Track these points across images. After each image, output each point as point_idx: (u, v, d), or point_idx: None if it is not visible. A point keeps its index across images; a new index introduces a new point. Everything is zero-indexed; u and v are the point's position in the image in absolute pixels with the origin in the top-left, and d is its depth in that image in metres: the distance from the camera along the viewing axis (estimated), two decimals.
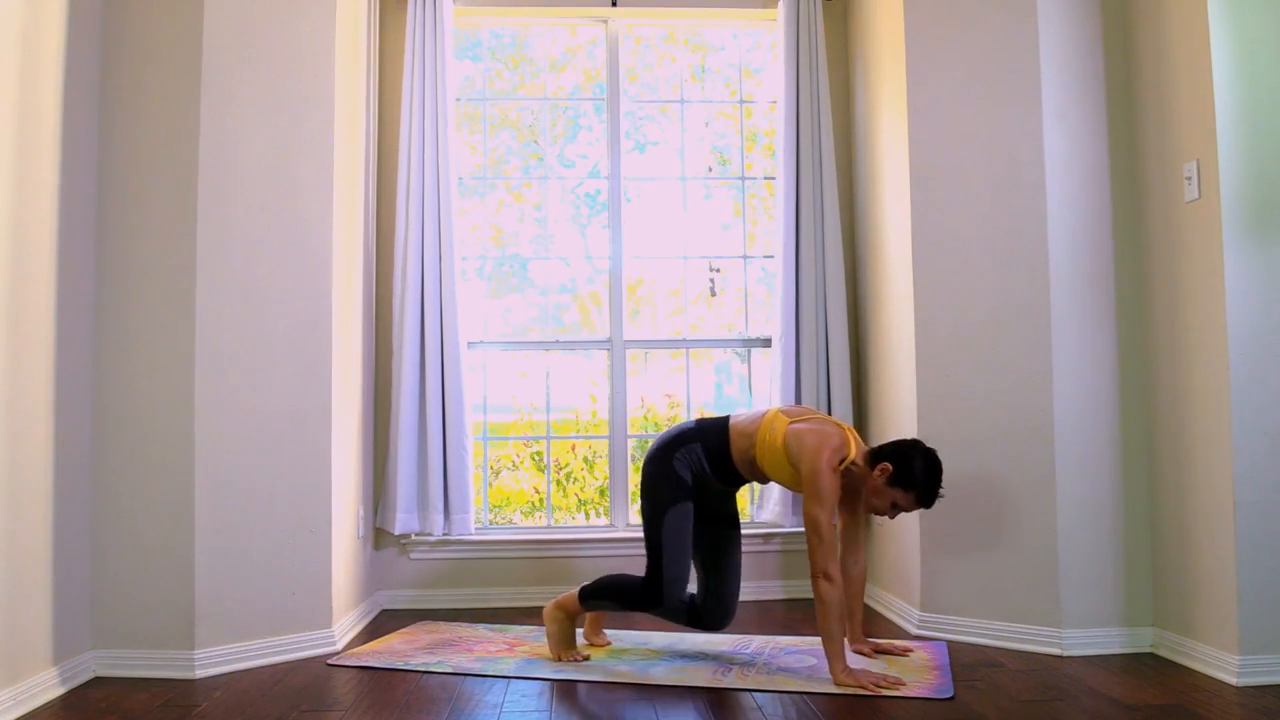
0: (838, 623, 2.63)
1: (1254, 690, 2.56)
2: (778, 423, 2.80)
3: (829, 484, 2.67)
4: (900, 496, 2.72)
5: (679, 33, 4.31)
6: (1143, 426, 3.07)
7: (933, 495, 2.73)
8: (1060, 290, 3.09)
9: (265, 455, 3.00)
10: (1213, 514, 2.74)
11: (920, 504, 2.74)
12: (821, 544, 2.63)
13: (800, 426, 2.78)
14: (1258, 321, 2.67)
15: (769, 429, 2.81)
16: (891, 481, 2.71)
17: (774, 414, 2.85)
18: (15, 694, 2.43)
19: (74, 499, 2.75)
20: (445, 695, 2.62)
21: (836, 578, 2.63)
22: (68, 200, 2.73)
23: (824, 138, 3.95)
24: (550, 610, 2.99)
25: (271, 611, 2.99)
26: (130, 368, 2.88)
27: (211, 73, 2.94)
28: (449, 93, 3.86)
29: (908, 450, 2.73)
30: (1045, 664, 2.90)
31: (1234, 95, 2.70)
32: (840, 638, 2.65)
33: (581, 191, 4.37)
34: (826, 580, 2.62)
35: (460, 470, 3.80)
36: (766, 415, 2.85)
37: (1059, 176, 3.12)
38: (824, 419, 2.85)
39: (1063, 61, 3.14)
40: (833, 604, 2.61)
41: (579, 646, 3.05)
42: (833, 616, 2.62)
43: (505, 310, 4.30)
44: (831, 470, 2.68)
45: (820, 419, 2.84)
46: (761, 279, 4.22)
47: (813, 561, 2.65)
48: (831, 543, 2.64)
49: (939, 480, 2.72)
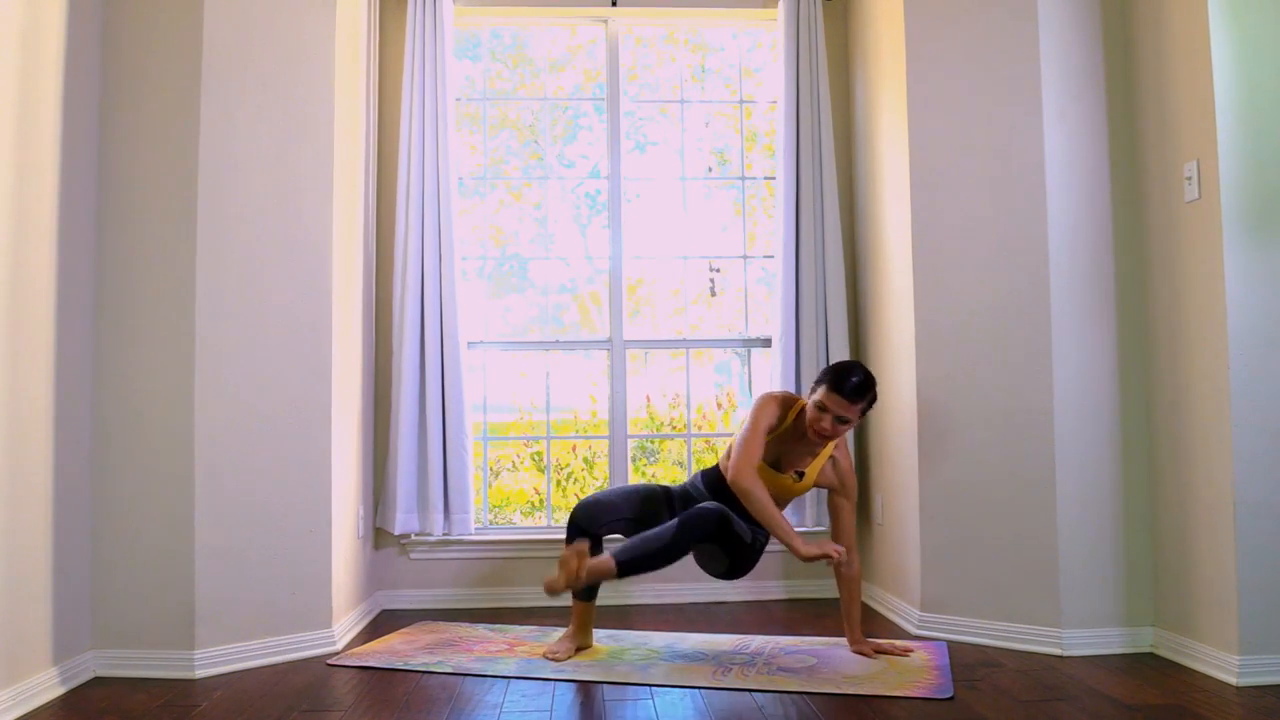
0: (772, 504, 2.82)
1: (1254, 690, 2.56)
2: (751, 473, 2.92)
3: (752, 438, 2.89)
4: (822, 399, 2.85)
5: (679, 33, 4.32)
6: (1143, 426, 3.07)
7: (842, 379, 2.84)
8: (1060, 290, 3.09)
9: (265, 455, 3.00)
10: (1213, 514, 2.74)
11: (837, 391, 2.83)
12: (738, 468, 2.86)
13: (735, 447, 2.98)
14: (1258, 321, 2.67)
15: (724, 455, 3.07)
16: (815, 394, 2.89)
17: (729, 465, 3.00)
18: (15, 694, 2.43)
19: (74, 499, 2.75)
20: (445, 695, 2.62)
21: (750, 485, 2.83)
22: (68, 200, 2.73)
23: (824, 138, 3.95)
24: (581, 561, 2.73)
25: (271, 611, 2.99)
26: (130, 368, 2.88)
27: (211, 73, 2.94)
28: (449, 93, 3.86)
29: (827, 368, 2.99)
30: (1045, 664, 2.90)
31: (1234, 95, 2.70)
32: (780, 517, 2.83)
33: (581, 191, 4.38)
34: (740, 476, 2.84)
35: (460, 470, 3.80)
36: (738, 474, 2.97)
37: (1059, 176, 3.12)
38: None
39: (1063, 61, 3.14)
40: (757, 493, 2.81)
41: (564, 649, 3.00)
42: (763, 501, 2.81)
43: (505, 310, 4.30)
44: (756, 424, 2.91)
45: None
46: (761, 279, 4.22)
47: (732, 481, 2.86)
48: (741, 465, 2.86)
49: (847, 368, 2.88)
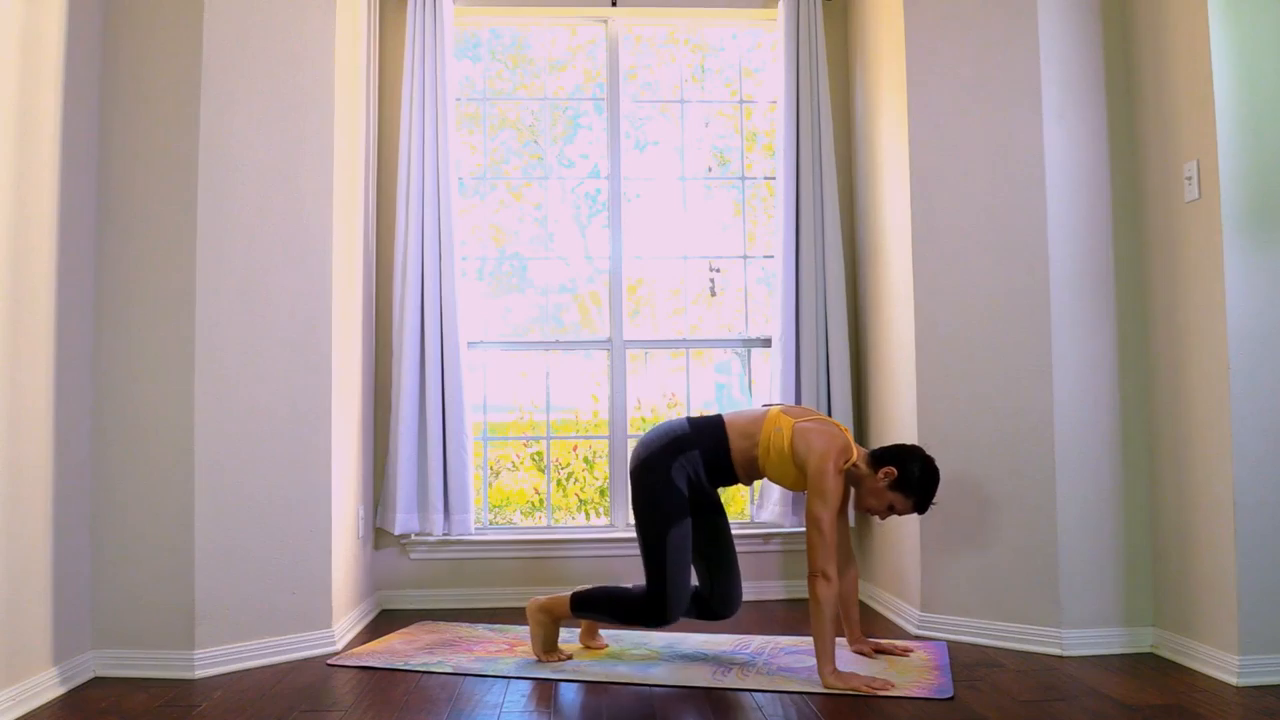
0: (830, 623, 2.64)
1: (1254, 690, 2.56)
2: (783, 422, 2.80)
3: (835, 484, 2.69)
4: (898, 500, 2.77)
5: (679, 33, 4.31)
6: (1143, 426, 3.07)
7: (928, 501, 2.79)
8: (1060, 290, 3.09)
9: (265, 455, 3.00)
10: (1213, 514, 2.74)
11: (916, 509, 2.80)
12: (823, 543, 2.64)
13: (806, 425, 2.78)
14: (1258, 321, 2.67)
15: (774, 428, 2.80)
16: (893, 485, 2.75)
17: (777, 413, 2.84)
18: (15, 694, 2.43)
19: (74, 499, 2.75)
20: (445, 695, 2.62)
21: (834, 578, 2.64)
22: (68, 200, 2.73)
23: (824, 138, 3.95)
24: (534, 610, 2.94)
25: (271, 611, 2.99)
26: (130, 367, 2.88)
27: (211, 73, 2.94)
28: (449, 93, 3.86)
29: (909, 455, 2.77)
30: (1045, 664, 2.90)
31: (1234, 95, 2.70)
32: (832, 639, 2.65)
33: (581, 191, 4.38)
34: (824, 579, 2.62)
35: (460, 470, 3.80)
36: (770, 414, 2.84)
37: (1059, 176, 3.12)
38: (825, 420, 2.85)
39: (1063, 61, 3.14)
40: (827, 604, 2.62)
41: (572, 649, 3.04)
42: (826, 617, 2.62)
43: (505, 310, 4.30)
44: (837, 471, 2.71)
45: (822, 420, 2.84)
46: (761, 279, 4.22)
47: (812, 560, 2.65)
48: (833, 542, 2.65)
49: (936, 487, 2.79)
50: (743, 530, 3.95)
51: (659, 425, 2.93)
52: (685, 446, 2.83)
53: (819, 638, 2.65)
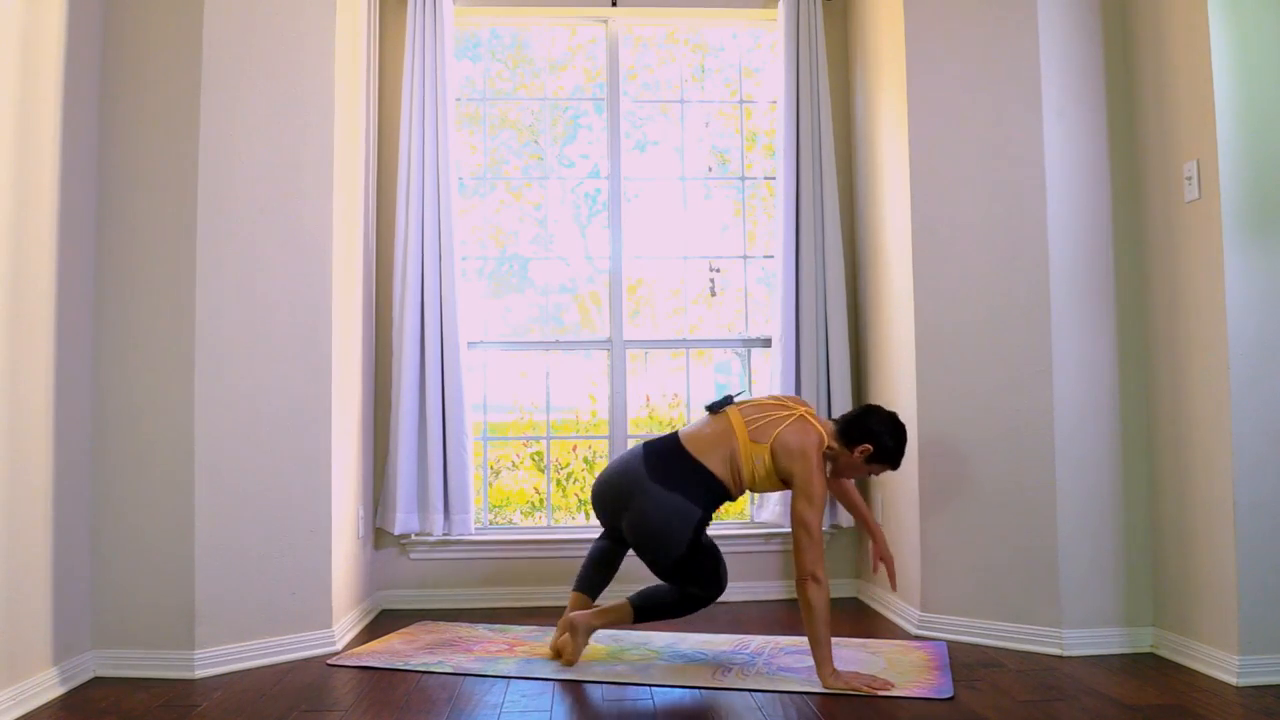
0: (825, 626, 2.63)
1: (1254, 690, 2.56)
2: (757, 450, 2.80)
3: (820, 485, 2.74)
4: (876, 468, 2.93)
5: (679, 33, 4.31)
6: (1143, 426, 3.07)
7: (900, 457, 2.91)
8: (1060, 290, 3.09)
9: (265, 455, 3.00)
10: (1213, 514, 2.74)
11: (894, 468, 2.94)
12: (812, 544, 2.65)
13: (783, 439, 2.79)
14: (1258, 321, 2.67)
15: (752, 458, 2.82)
16: (870, 459, 2.87)
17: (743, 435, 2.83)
18: (15, 694, 2.43)
19: (74, 499, 2.75)
20: (445, 695, 2.62)
21: (824, 580, 2.64)
22: (68, 200, 2.73)
23: (824, 138, 3.95)
24: (586, 626, 2.89)
25: (271, 611, 2.99)
26: (130, 368, 2.88)
27: (211, 73, 2.94)
28: (449, 93, 3.86)
29: (879, 428, 2.86)
30: (1045, 664, 2.90)
31: (1234, 95, 2.70)
32: (828, 640, 2.65)
33: (581, 191, 4.38)
34: (815, 582, 2.63)
35: (460, 470, 3.80)
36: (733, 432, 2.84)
37: (1059, 176, 3.12)
38: (785, 408, 2.88)
39: (1063, 61, 3.14)
40: (820, 607, 2.62)
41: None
42: (820, 620, 2.62)
43: (505, 310, 4.30)
44: (821, 470, 2.76)
45: (781, 409, 2.87)
46: (761, 279, 4.22)
47: (800, 564, 2.66)
48: (821, 544, 2.66)
49: (906, 442, 2.92)
50: (743, 530, 3.95)
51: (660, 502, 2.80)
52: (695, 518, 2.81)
53: (815, 642, 2.65)
